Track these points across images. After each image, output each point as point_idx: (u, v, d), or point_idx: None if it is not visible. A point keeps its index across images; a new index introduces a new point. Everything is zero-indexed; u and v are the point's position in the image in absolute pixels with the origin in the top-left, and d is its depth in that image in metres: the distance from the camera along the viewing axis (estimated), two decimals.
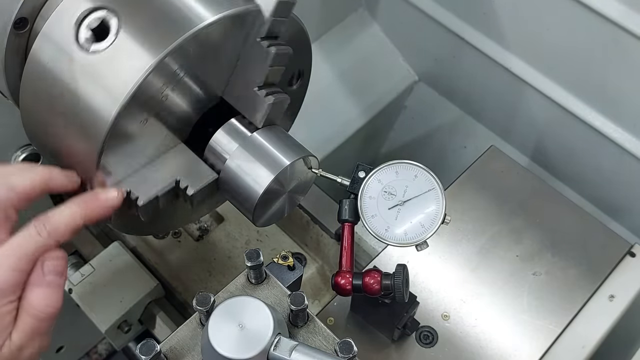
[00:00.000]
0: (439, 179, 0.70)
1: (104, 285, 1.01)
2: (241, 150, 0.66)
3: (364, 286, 0.71)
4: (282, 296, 0.66)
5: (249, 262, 0.64)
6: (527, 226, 0.98)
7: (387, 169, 0.71)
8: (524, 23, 1.15)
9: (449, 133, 1.48)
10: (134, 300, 1.00)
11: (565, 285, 0.93)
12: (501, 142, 1.36)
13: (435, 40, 1.33)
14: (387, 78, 1.45)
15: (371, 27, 1.45)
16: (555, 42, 1.11)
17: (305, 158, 0.68)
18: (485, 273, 0.95)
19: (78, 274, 1.01)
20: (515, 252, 0.96)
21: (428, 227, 0.69)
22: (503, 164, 1.05)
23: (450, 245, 0.97)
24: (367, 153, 1.56)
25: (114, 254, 1.04)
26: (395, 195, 0.70)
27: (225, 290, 0.67)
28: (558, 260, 0.95)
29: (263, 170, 0.66)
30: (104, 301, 0.99)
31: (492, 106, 1.35)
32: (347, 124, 1.39)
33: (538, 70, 1.18)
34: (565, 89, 1.16)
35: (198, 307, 0.61)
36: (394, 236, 0.69)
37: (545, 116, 1.23)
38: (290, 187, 0.70)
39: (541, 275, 0.94)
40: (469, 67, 1.31)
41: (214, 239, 1.11)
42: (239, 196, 0.67)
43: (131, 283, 1.01)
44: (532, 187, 1.03)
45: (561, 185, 1.29)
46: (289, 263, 0.72)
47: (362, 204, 0.70)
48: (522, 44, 1.18)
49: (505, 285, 0.94)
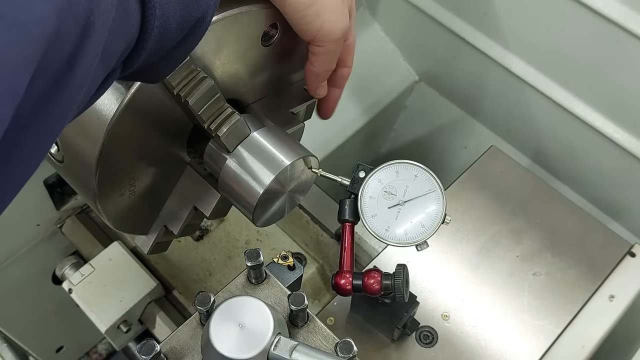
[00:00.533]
0: (439, 179, 0.70)
1: (104, 285, 1.01)
2: (241, 150, 0.66)
3: (364, 286, 0.71)
4: (282, 296, 0.66)
5: (249, 262, 0.65)
6: (527, 226, 0.98)
7: (387, 169, 0.71)
8: (524, 23, 1.15)
9: (450, 133, 1.48)
10: (134, 300, 1.00)
11: (565, 285, 0.93)
12: (501, 142, 1.36)
13: (435, 40, 1.33)
14: (388, 78, 1.45)
15: (371, 27, 1.45)
16: (556, 42, 1.12)
17: (306, 158, 0.68)
18: (486, 273, 0.95)
19: (78, 274, 1.02)
20: (515, 252, 0.96)
21: (428, 227, 0.69)
22: (503, 164, 1.05)
23: (450, 245, 0.97)
24: (368, 153, 1.56)
25: (114, 254, 1.04)
26: (396, 195, 0.70)
27: (225, 290, 0.67)
28: (558, 261, 0.95)
29: (263, 170, 0.65)
30: (104, 301, 1.00)
31: (493, 106, 1.35)
32: (348, 124, 1.39)
33: (538, 70, 1.19)
34: (566, 89, 1.16)
35: (198, 307, 0.61)
36: (394, 236, 0.69)
37: (546, 116, 1.23)
38: (290, 187, 0.70)
39: (541, 275, 0.94)
40: (470, 67, 1.31)
41: (214, 239, 1.11)
42: (239, 196, 0.67)
43: (131, 283, 1.02)
44: (532, 187, 1.03)
45: (561, 185, 1.30)
46: (289, 263, 0.72)
47: (362, 204, 0.70)
48: (522, 44, 1.18)
49: (505, 285, 0.94)
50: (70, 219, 1.15)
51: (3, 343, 1.01)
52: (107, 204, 0.66)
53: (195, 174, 0.72)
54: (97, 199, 0.64)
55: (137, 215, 0.71)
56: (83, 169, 0.62)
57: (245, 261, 0.65)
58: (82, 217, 1.15)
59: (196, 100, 0.59)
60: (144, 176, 0.68)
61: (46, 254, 1.18)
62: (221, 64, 0.64)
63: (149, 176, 0.68)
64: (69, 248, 1.19)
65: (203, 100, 0.60)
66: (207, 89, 0.60)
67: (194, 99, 0.59)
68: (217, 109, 0.62)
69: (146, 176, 0.68)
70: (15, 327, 1.20)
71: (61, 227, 1.16)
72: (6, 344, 1.01)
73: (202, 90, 0.59)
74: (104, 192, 0.64)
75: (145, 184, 0.68)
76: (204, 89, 0.59)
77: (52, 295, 1.18)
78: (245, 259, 0.64)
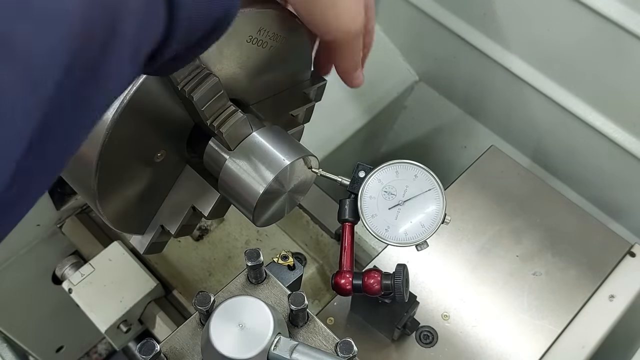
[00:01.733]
0: (439, 179, 0.70)
1: (103, 285, 1.01)
2: (241, 150, 0.67)
3: (364, 286, 0.72)
4: (282, 296, 0.66)
5: (249, 262, 0.65)
6: (527, 226, 0.99)
7: (387, 168, 0.71)
8: (524, 23, 1.15)
9: (449, 133, 1.48)
10: (133, 300, 1.00)
11: (565, 285, 0.94)
12: (501, 142, 1.36)
13: (435, 40, 1.33)
14: (387, 78, 1.45)
15: None
16: (556, 42, 1.12)
17: (305, 158, 0.69)
18: (486, 273, 0.95)
19: (78, 273, 1.02)
20: (515, 252, 0.96)
21: (428, 227, 0.69)
22: (503, 164, 1.06)
23: (450, 245, 0.97)
24: (367, 153, 1.56)
25: (114, 254, 1.04)
26: (396, 195, 0.70)
27: (225, 290, 0.67)
28: (558, 261, 0.96)
29: (263, 170, 0.66)
30: (104, 301, 1.00)
31: (492, 106, 1.35)
32: (347, 124, 1.39)
33: (538, 70, 1.19)
34: (566, 89, 1.16)
35: (198, 307, 0.61)
36: (394, 236, 0.69)
37: (546, 116, 1.23)
38: (290, 187, 0.70)
39: (541, 275, 0.94)
40: (469, 67, 1.31)
41: (214, 239, 1.11)
42: (239, 196, 0.67)
43: (131, 283, 1.02)
44: (532, 187, 1.03)
45: (561, 185, 1.30)
46: (289, 263, 0.72)
47: (362, 204, 0.70)
48: (522, 44, 1.18)
49: (505, 285, 0.94)
50: (70, 219, 1.15)
51: (3, 343, 1.01)
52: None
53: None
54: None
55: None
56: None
57: (245, 261, 0.65)
58: (82, 217, 1.15)
59: (200, 96, 0.60)
60: (144, 175, 0.68)
61: (46, 253, 1.18)
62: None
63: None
64: (69, 248, 1.19)
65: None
66: (211, 85, 0.60)
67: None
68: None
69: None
70: (15, 327, 1.20)
71: (61, 227, 1.16)
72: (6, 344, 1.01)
73: (206, 87, 0.60)
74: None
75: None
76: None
77: (52, 295, 1.18)
78: (245, 259, 0.65)
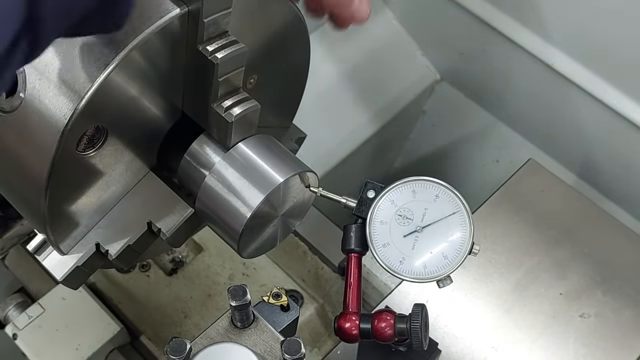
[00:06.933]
0: (465, 200, 0.70)
1: (56, 329, 1.01)
2: (223, 165, 0.67)
3: (373, 331, 0.72)
4: (274, 343, 0.66)
5: (234, 302, 0.65)
6: (573, 257, 0.99)
7: (402, 187, 0.71)
8: (570, 9, 1.16)
9: (478, 144, 1.49)
10: (93, 348, 1.00)
11: (619, 329, 0.94)
12: (541, 154, 1.36)
13: (460, 30, 1.34)
14: (402, 77, 1.46)
15: (383, 15, 1.46)
16: (609, 33, 1.12)
17: (302, 174, 0.69)
18: (522, 315, 0.95)
19: (24, 315, 1.02)
20: (558, 289, 0.96)
21: (452, 259, 0.69)
22: (543, 182, 1.06)
23: (479, 280, 0.97)
24: (378, 168, 1.56)
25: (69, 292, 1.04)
26: (412, 220, 0.70)
27: (205, 335, 0.67)
28: (611, 299, 0.96)
29: (250, 190, 0.66)
30: (56, 349, 1.00)
31: (531, 111, 1.35)
32: (354, 132, 1.40)
33: (587, 68, 1.19)
34: (621, 91, 1.17)
35: (171, 356, 0.61)
36: (410, 269, 0.69)
37: (595, 123, 1.24)
38: (283, 209, 0.70)
39: (590, 317, 0.94)
40: (502, 63, 1.32)
41: (191, 273, 1.11)
42: (221, 222, 0.68)
43: (89, 327, 1.02)
44: (579, 210, 1.03)
45: (614, 207, 1.30)
46: (282, 302, 0.73)
47: (372, 231, 0.70)
48: (567, 35, 1.19)
49: (546, 330, 0.94)
50: (14, 249, 1.15)
51: None
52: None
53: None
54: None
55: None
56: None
57: (228, 300, 0.65)
58: None
59: (225, 60, 0.60)
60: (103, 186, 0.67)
61: None
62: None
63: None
64: (13, 284, 1.18)
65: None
66: (238, 52, 0.61)
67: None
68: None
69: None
70: None
71: (3, 258, 1.16)
72: None
73: (233, 52, 0.60)
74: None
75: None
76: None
77: None
78: (229, 298, 0.65)
